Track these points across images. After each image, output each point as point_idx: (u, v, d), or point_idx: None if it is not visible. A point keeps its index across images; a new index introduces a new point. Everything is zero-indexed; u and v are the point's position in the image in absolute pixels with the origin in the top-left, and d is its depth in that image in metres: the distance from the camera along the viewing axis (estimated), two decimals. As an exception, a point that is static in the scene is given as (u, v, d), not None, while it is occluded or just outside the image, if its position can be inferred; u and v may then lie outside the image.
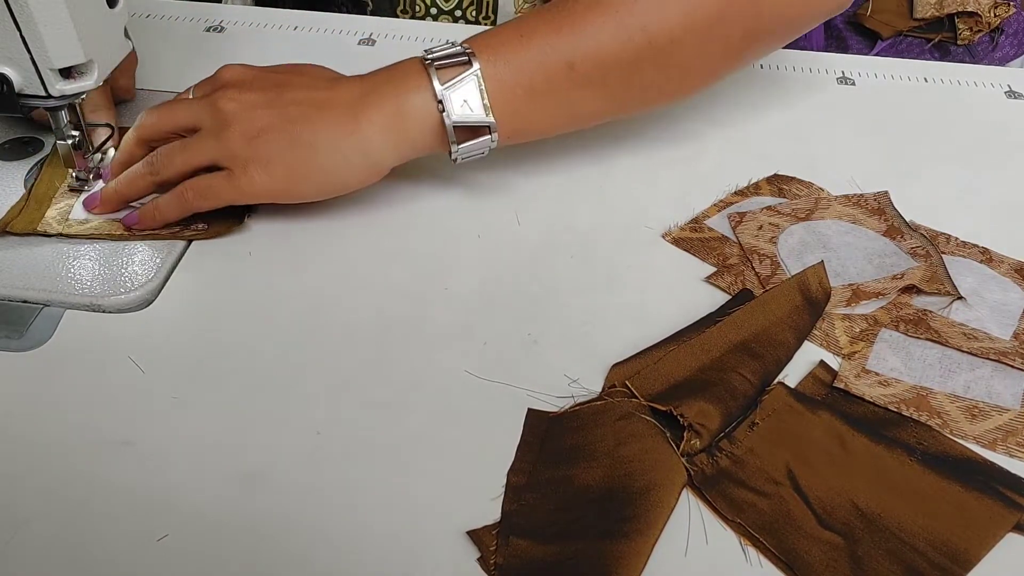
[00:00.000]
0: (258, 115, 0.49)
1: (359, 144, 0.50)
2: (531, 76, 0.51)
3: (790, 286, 0.47)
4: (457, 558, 0.36)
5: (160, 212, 0.51)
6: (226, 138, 0.49)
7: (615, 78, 0.52)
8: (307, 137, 0.49)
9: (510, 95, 0.51)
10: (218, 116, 0.49)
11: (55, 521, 0.37)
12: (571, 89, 0.51)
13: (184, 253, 0.50)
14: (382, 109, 0.50)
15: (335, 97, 0.51)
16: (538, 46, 0.50)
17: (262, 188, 0.49)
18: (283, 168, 0.49)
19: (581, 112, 0.54)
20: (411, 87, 0.50)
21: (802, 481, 0.39)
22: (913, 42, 0.96)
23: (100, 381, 0.43)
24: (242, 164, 0.49)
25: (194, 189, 0.50)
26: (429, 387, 0.43)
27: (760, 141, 0.62)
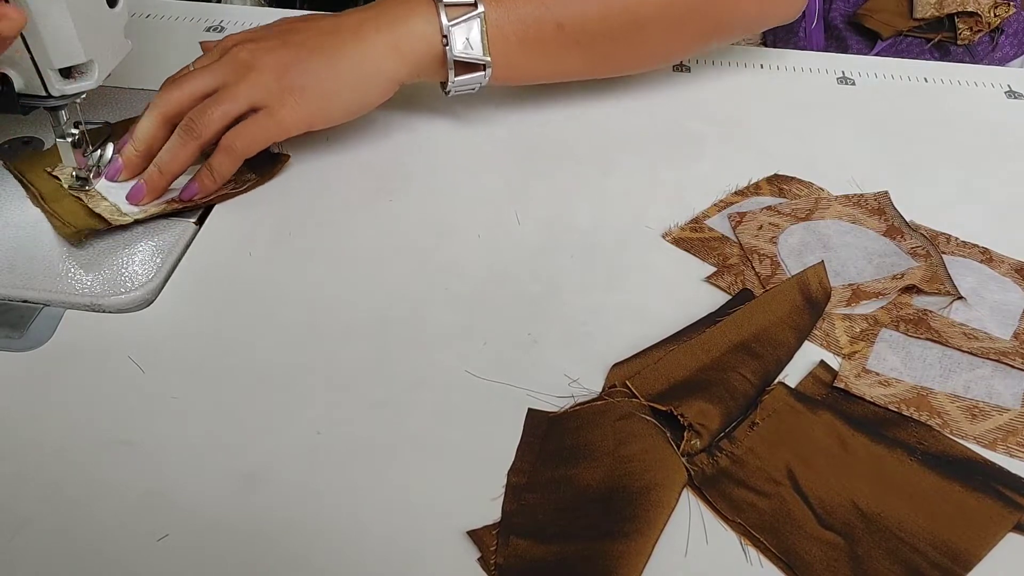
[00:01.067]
0: (278, 54, 0.53)
1: (373, 60, 0.55)
2: (525, 28, 0.57)
3: (790, 286, 0.47)
4: (457, 558, 0.36)
5: (216, 172, 0.52)
6: (255, 79, 0.52)
7: (595, 45, 0.59)
8: (328, 60, 0.54)
9: (505, 41, 0.57)
10: (240, 66, 0.52)
11: (55, 521, 0.37)
12: (557, 47, 0.58)
13: (184, 253, 0.50)
14: (390, 30, 0.55)
15: (342, 24, 0.55)
16: (535, 2, 0.57)
17: (302, 115, 0.53)
18: (315, 93, 0.53)
19: (561, 68, 0.61)
20: (418, 15, 0.55)
21: (802, 481, 0.39)
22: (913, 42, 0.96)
23: (100, 381, 0.43)
24: (278, 98, 0.52)
25: (240, 137, 0.52)
26: (429, 387, 0.43)
27: (760, 141, 0.62)
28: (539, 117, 0.64)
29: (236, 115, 0.52)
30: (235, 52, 0.53)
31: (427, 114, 0.64)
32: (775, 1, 0.65)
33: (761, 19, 0.66)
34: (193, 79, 0.53)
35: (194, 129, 0.51)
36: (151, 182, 0.52)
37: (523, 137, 0.62)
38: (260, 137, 0.53)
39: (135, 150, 0.53)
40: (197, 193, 0.52)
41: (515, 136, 0.61)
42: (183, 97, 0.52)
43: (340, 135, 0.60)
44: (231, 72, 0.53)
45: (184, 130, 0.51)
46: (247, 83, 0.52)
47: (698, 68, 0.71)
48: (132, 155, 0.53)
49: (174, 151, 0.52)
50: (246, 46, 0.54)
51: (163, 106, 0.52)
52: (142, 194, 0.52)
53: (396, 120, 0.63)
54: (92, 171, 0.53)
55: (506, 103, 0.65)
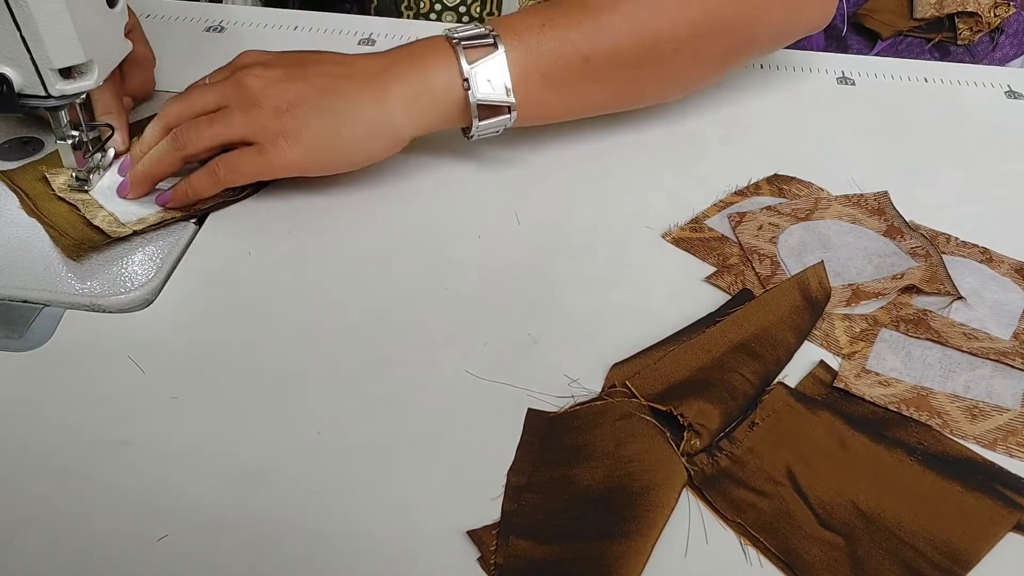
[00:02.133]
0: (285, 88, 0.51)
1: (384, 113, 0.52)
2: (549, 64, 0.54)
3: (790, 286, 0.47)
4: (457, 558, 0.36)
5: (193, 189, 0.52)
6: (255, 114, 0.50)
7: (623, 75, 0.56)
8: (334, 107, 0.51)
9: (529, 80, 0.53)
10: (245, 93, 0.51)
11: (55, 521, 0.37)
12: (583, 81, 0.55)
13: (184, 253, 0.50)
14: (407, 80, 0.52)
15: (358, 69, 0.53)
16: (558, 37, 0.54)
17: (292, 160, 0.51)
18: (312, 140, 0.51)
19: (589, 103, 0.58)
20: (436, 63, 0.52)
21: (802, 481, 0.39)
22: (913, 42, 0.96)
23: (100, 381, 0.43)
24: (272, 138, 0.50)
25: (225, 165, 0.51)
26: (429, 387, 0.43)
27: (760, 141, 0.62)
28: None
29: (226, 141, 0.51)
30: (243, 76, 0.52)
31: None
32: (802, 9, 0.61)
33: (790, 29, 0.62)
34: (200, 94, 0.53)
35: (180, 140, 0.51)
36: (134, 179, 0.52)
37: (523, 137, 0.62)
38: (246, 171, 0.52)
39: (140, 151, 0.53)
40: (169, 201, 0.52)
41: (515, 136, 0.61)
42: (185, 111, 0.52)
43: (340, 135, 0.60)
44: (234, 97, 0.51)
45: (172, 138, 0.51)
46: (245, 115, 0.51)
47: (698, 68, 0.70)
48: (137, 155, 0.53)
49: (158, 156, 0.52)
50: (256, 72, 0.52)
51: (168, 116, 0.52)
52: (125, 190, 0.52)
53: (396, 120, 0.63)
54: (92, 172, 0.53)
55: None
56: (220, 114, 0.51)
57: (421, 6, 0.79)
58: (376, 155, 0.54)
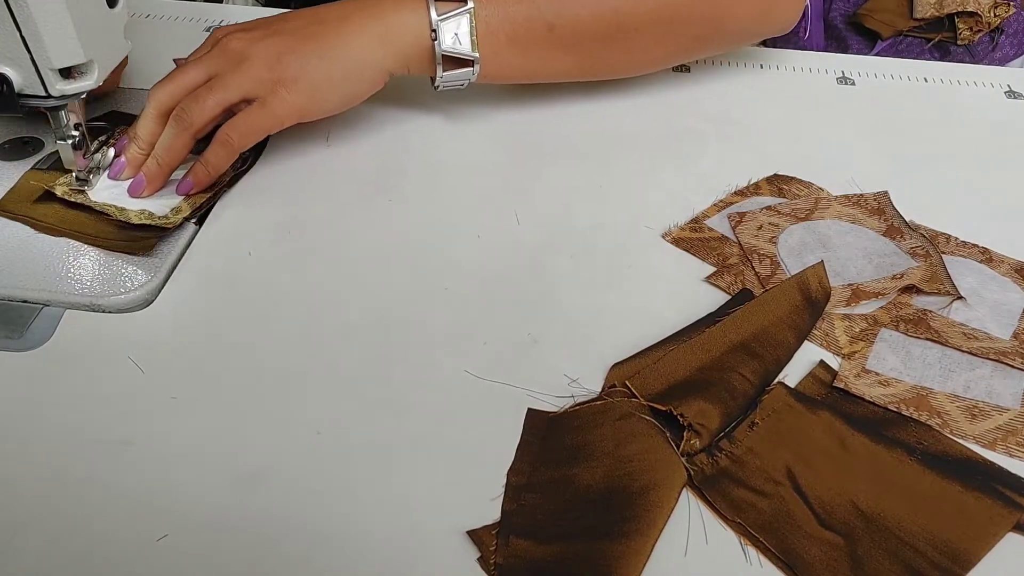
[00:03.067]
0: (269, 43, 0.53)
1: (362, 50, 0.55)
2: (515, 27, 0.57)
3: (790, 286, 0.47)
4: (457, 558, 0.36)
5: (211, 165, 0.52)
6: (248, 69, 0.52)
7: (584, 48, 0.59)
8: (320, 50, 0.53)
9: (494, 39, 0.56)
10: (233, 56, 0.52)
11: (55, 521, 0.37)
12: (547, 48, 0.58)
13: (184, 253, 0.50)
14: (378, 21, 0.55)
15: (331, 13, 0.55)
16: (527, 2, 0.57)
17: (295, 105, 0.53)
18: (307, 82, 0.53)
19: (550, 69, 0.61)
20: (407, 8, 0.55)
21: (802, 481, 0.39)
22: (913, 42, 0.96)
23: (100, 381, 0.43)
24: (271, 88, 0.52)
25: (235, 130, 0.52)
26: (429, 387, 0.43)
27: (760, 141, 0.62)
28: (539, 117, 0.64)
29: (229, 104, 0.52)
30: (226, 42, 0.53)
31: (427, 114, 0.64)
32: (772, 10, 0.64)
33: (756, 29, 0.65)
34: (185, 71, 0.53)
35: (185, 118, 0.51)
36: (150, 174, 0.52)
37: (523, 137, 0.62)
38: (256, 128, 0.53)
39: (139, 148, 0.53)
40: (192, 187, 0.52)
41: (515, 136, 0.61)
42: (176, 90, 0.52)
43: (340, 135, 0.60)
44: (223, 62, 0.53)
45: (176, 120, 0.52)
46: (239, 73, 0.52)
47: (698, 68, 0.71)
48: (136, 153, 0.53)
49: (169, 142, 0.52)
50: (237, 36, 0.54)
51: (158, 101, 0.52)
52: (142, 187, 0.52)
53: (396, 120, 0.63)
54: (92, 172, 0.53)
55: (506, 103, 0.65)
56: (215, 81, 0.52)
57: None
58: (365, 90, 0.57)
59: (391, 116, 0.63)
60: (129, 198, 0.52)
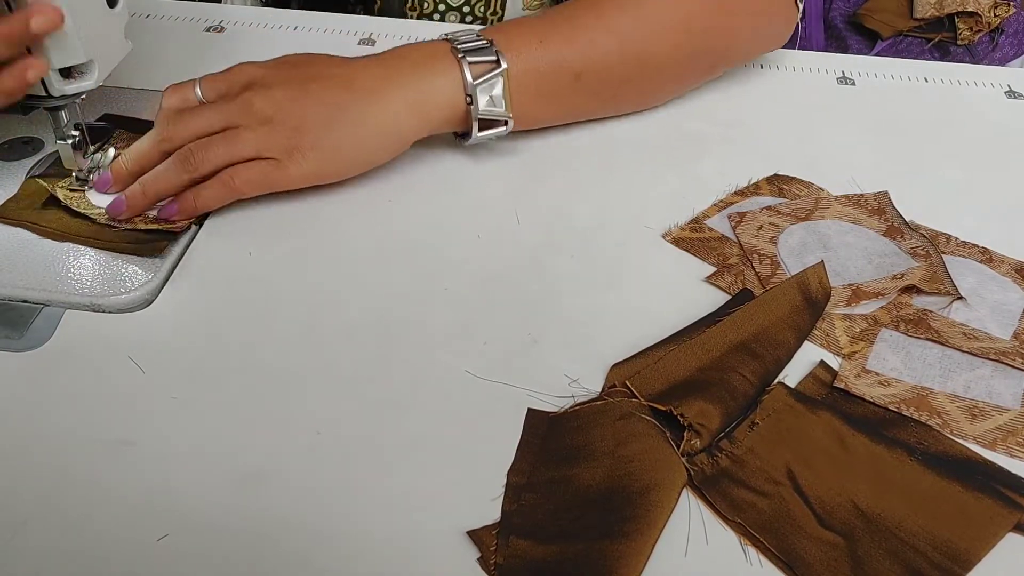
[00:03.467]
0: (294, 107, 0.51)
1: (388, 119, 0.53)
2: (542, 79, 0.57)
3: (790, 286, 0.47)
4: (457, 558, 0.36)
5: (201, 200, 0.51)
6: (270, 132, 0.51)
7: (609, 91, 0.60)
8: (344, 118, 0.52)
9: (524, 94, 0.56)
10: (254, 114, 0.51)
11: (55, 521, 0.37)
12: (574, 95, 0.59)
13: (184, 253, 0.50)
14: (410, 87, 0.54)
15: (359, 76, 0.54)
16: (553, 54, 0.56)
17: (310, 172, 0.52)
18: (326, 152, 0.52)
19: (575, 113, 0.62)
20: (439, 72, 0.54)
21: (802, 481, 0.39)
22: (913, 42, 0.96)
23: (100, 381, 0.43)
24: (289, 153, 0.51)
25: (241, 177, 0.51)
26: (429, 387, 0.43)
27: (760, 141, 0.62)
28: (539, 117, 0.64)
29: (239, 160, 0.51)
30: (250, 99, 0.51)
31: (427, 114, 0.64)
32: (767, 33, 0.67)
33: (756, 49, 0.68)
34: (198, 117, 0.51)
35: (192, 162, 0.50)
36: (132, 200, 0.50)
37: (523, 137, 0.62)
38: (262, 183, 0.52)
39: (126, 166, 0.52)
40: (175, 214, 0.51)
41: (515, 136, 0.61)
42: (188, 136, 0.51)
43: (340, 135, 0.60)
44: (243, 119, 0.51)
45: (182, 161, 0.50)
46: (258, 134, 0.50)
47: (698, 68, 0.71)
48: (122, 170, 0.52)
49: (164, 176, 0.50)
50: (259, 93, 0.51)
51: (162, 140, 0.51)
52: (121, 209, 0.50)
53: (396, 120, 0.63)
54: (92, 172, 0.53)
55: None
56: (231, 134, 0.51)
57: (425, 6, 0.79)
58: (383, 158, 0.55)
59: (391, 116, 0.63)
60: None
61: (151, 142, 0.52)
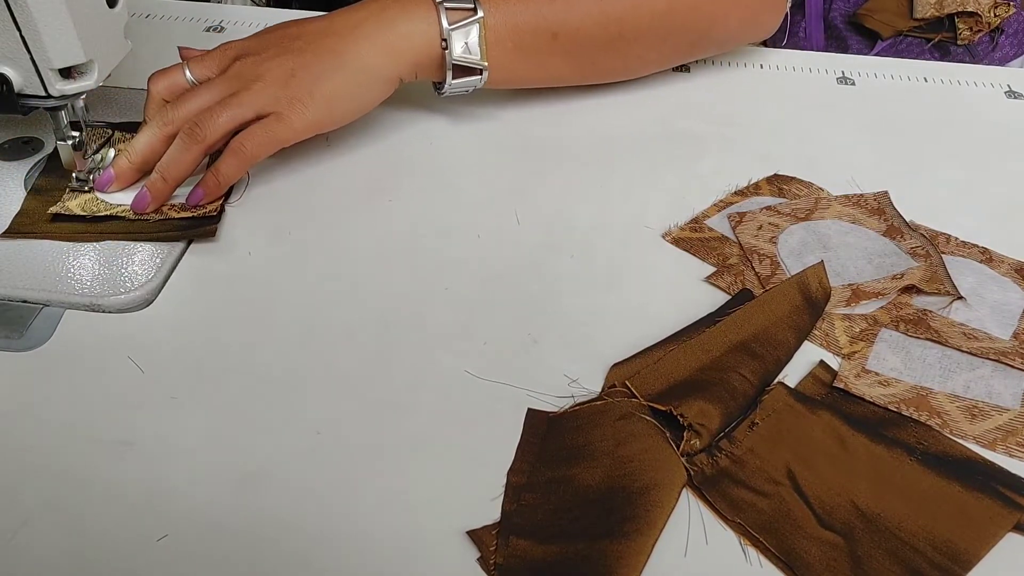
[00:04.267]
0: (282, 60, 0.53)
1: (372, 60, 0.55)
2: (521, 35, 0.58)
3: (790, 286, 0.47)
4: (457, 558, 0.36)
5: (222, 175, 0.52)
6: (263, 88, 0.52)
7: (585, 55, 0.61)
8: (332, 63, 0.54)
9: (501, 47, 0.57)
10: (246, 76, 0.52)
11: (55, 521, 0.37)
12: (550, 55, 0.60)
13: (184, 253, 0.50)
14: (389, 29, 0.55)
15: (338, 24, 0.55)
16: (533, 11, 0.58)
17: (310, 119, 0.53)
18: (321, 97, 0.53)
19: (552, 74, 0.62)
20: (416, 16, 0.56)
21: (802, 481, 0.39)
22: (913, 42, 0.96)
23: (100, 381, 0.43)
24: (287, 103, 0.52)
25: (250, 140, 0.52)
26: (429, 387, 0.43)
27: (760, 141, 0.62)
28: (539, 117, 0.64)
29: (243, 121, 0.52)
30: (239, 68, 0.53)
31: (427, 114, 0.64)
32: (756, 18, 0.68)
33: (742, 36, 0.69)
34: (195, 96, 0.52)
35: (198, 133, 0.50)
36: (154, 189, 0.51)
37: (523, 137, 0.62)
38: (270, 140, 0.52)
39: (129, 161, 0.52)
40: (203, 198, 0.51)
41: (515, 136, 0.61)
42: (185, 115, 0.51)
43: (340, 135, 0.60)
44: (236, 84, 0.52)
45: (188, 135, 0.51)
46: (253, 92, 0.52)
47: (698, 68, 0.71)
48: (125, 166, 0.52)
49: (177, 156, 0.51)
50: (246, 61, 0.53)
51: (164, 124, 0.51)
52: (147, 202, 0.51)
53: (396, 120, 0.63)
54: (92, 173, 0.53)
55: (506, 103, 0.65)
56: (231, 98, 0.52)
57: None
58: (375, 99, 0.57)
59: (391, 116, 0.63)
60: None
61: (152, 131, 0.52)
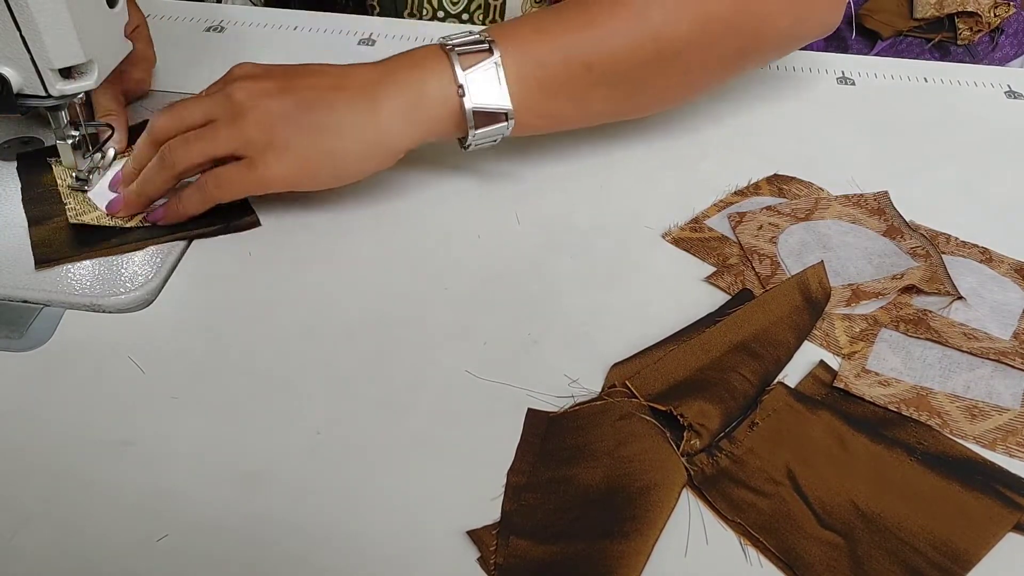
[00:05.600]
0: (272, 102, 0.49)
1: (376, 127, 0.50)
2: (548, 70, 0.52)
3: (790, 286, 0.47)
4: (457, 558, 0.36)
5: (183, 205, 0.51)
6: (241, 126, 0.49)
7: (626, 81, 0.54)
8: (322, 120, 0.49)
9: (526, 86, 0.52)
10: (232, 106, 0.49)
11: (55, 521, 0.37)
12: (586, 87, 0.53)
13: (184, 253, 0.50)
14: (400, 92, 0.50)
15: (350, 81, 0.51)
16: (557, 43, 0.52)
17: (280, 174, 0.50)
18: (300, 153, 0.49)
19: (591, 110, 0.56)
20: (430, 71, 0.51)
21: (802, 481, 0.39)
22: (913, 42, 0.96)
23: (100, 381, 0.43)
24: (260, 151, 0.49)
25: (214, 180, 0.50)
26: (429, 387, 0.43)
27: (760, 141, 0.62)
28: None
29: (214, 157, 0.50)
30: (232, 90, 0.50)
31: (427, 114, 0.64)
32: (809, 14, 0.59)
33: (796, 34, 0.60)
34: (187, 109, 0.51)
35: (168, 159, 0.50)
36: (128, 200, 0.51)
37: (523, 137, 0.62)
38: (236, 187, 0.50)
39: (132, 167, 0.52)
40: (161, 218, 0.51)
41: (515, 139, 0.61)
42: (173, 125, 0.51)
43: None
44: (222, 111, 0.50)
45: (160, 158, 0.50)
46: (232, 129, 0.49)
47: (698, 68, 0.70)
48: (130, 171, 0.52)
49: (151, 177, 0.50)
50: (244, 85, 0.50)
51: (157, 129, 0.51)
52: (118, 207, 0.51)
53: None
54: (92, 172, 0.53)
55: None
56: (206, 129, 0.50)
57: (424, 13, 0.79)
58: (368, 170, 0.52)
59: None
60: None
61: (145, 139, 0.52)
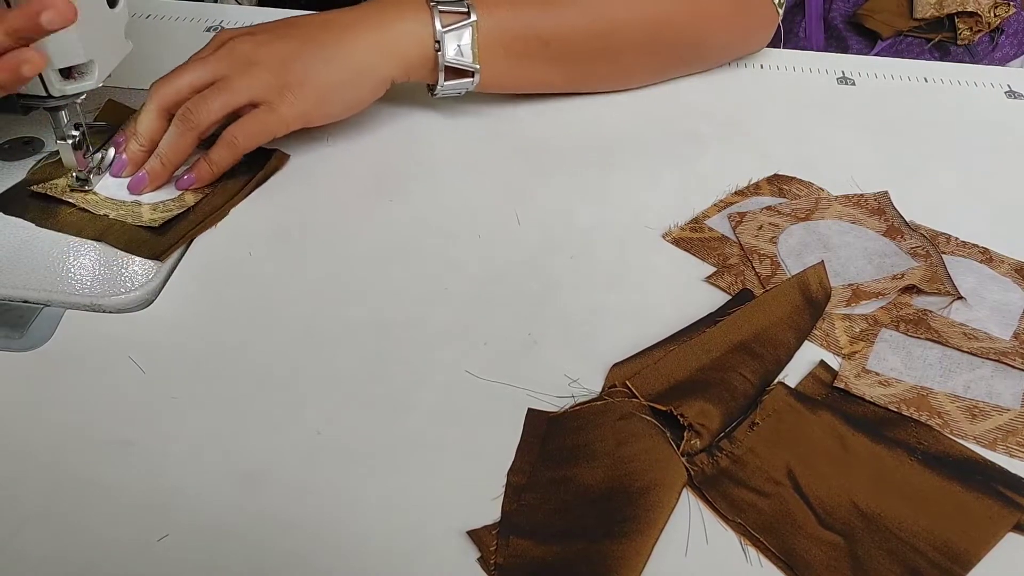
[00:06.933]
0: (277, 47, 0.54)
1: (366, 57, 0.55)
2: (512, 40, 0.59)
3: (790, 286, 0.47)
4: (457, 558, 0.36)
5: (214, 164, 0.52)
6: (255, 73, 0.52)
7: (576, 63, 0.62)
8: (326, 55, 0.54)
9: (493, 51, 0.58)
10: (240, 59, 0.53)
11: (55, 521, 0.37)
12: (541, 61, 0.61)
13: (184, 253, 0.50)
14: (381, 28, 0.56)
15: (336, 20, 0.56)
16: (526, 18, 0.59)
17: (301, 111, 0.54)
18: (313, 88, 0.54)
19: (543, 81, 0.63)
20: (411, 18, 0.56)
21: (802, 481, 0.39)
22: (913, 42, 0.96)
23: (100, 381, 0.43)
24: (278, 93, 0.53)
25: (241, 132, 0.52)
26: (429, 387, 0.43)
27: (760, 141, 0.62)
28: (540, 117, 0.64)
29: (235, 107, 0.52)
30: (233, 45, 0.53)
31: (427, 114, 0.64)
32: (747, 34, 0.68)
33: (734, 50, 0.69)
34: (190, 70, 0.53)
35: (192, 119, 0.51)
36: (153, 173, 0.52)
37: (523, 137, 0.62)
38: (261, 131, 0.53)
39: (139, 145, 0.53)
40: (193, 183, 0.53)
41: (515, 136, 0.61)
42: (181, 88, 0.53)
43: (341, 135, 0.60)
44: (230, 65, 0.53)
45: (181, 120, 0.52)
46: (247, 77, 0.52)
47: (698, 68, 0.71)
48: (137, 150, 0.53)
49: (173, 141, 0.52)
50: (243, 39, 0.54)
51: (161, 98, 0.52)
52: (144, 184, 0.52)
53: (396, 120, 0.63)
54: (92, 172, 0.53)
55: (507, 104, 0.65)
56: (222, 83, 0.52)
57: None
58: (367, 97, 0.57)
59: (391, 116, 0.63)
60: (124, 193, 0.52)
61: (149, 111, 0.53)
